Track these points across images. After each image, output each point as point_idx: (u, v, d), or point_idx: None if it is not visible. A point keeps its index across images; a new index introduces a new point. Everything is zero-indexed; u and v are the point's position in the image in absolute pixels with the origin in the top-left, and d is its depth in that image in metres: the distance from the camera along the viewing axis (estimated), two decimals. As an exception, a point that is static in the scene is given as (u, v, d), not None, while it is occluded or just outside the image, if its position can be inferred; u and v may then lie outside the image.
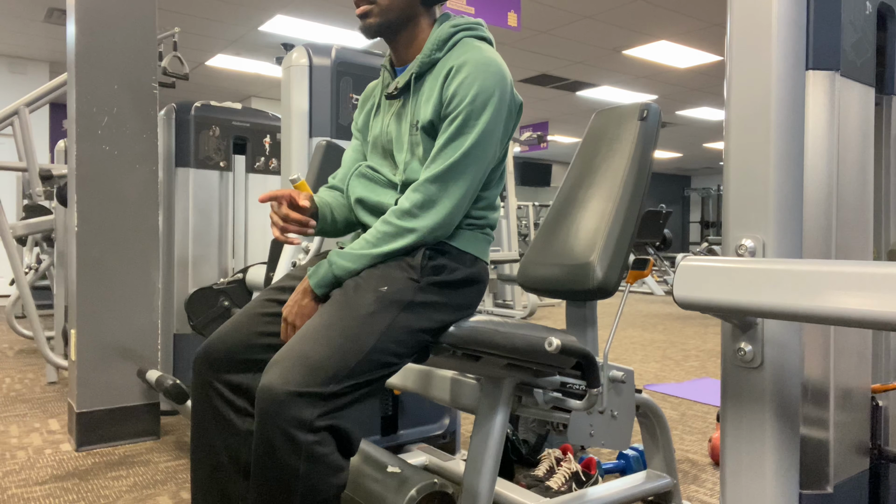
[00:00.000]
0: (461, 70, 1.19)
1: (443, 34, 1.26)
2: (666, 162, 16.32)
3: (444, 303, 1.20)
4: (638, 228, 1.42)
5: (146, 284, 2.50)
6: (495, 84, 1.19)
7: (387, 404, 2.19)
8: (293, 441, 1.00)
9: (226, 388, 1.23)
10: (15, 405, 2.95)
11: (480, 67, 1.19)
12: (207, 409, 1.24)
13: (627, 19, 6.25)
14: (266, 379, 1.03)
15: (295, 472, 1.01)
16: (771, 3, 0.94)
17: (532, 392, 1.24)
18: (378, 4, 1.25)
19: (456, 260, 1.24)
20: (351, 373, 1.05)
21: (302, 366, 1.03)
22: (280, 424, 1.00)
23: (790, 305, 0.78)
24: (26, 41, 7.17)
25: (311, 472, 1.01)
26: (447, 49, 1.26)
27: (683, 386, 3.46)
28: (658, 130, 1.45)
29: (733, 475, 0.98)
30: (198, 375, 1.25)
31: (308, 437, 1.00)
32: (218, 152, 2.91)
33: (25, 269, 4.36)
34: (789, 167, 0.94)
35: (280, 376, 1.02)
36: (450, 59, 1.23)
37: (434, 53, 1.25)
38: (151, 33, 2.51)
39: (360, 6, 1.26)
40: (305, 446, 1.00)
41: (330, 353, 1.05)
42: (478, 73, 1.18)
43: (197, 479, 1.25)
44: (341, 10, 6.11)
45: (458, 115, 1.18)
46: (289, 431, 1.00)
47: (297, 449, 1.00)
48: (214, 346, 1.24)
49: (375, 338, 1.09)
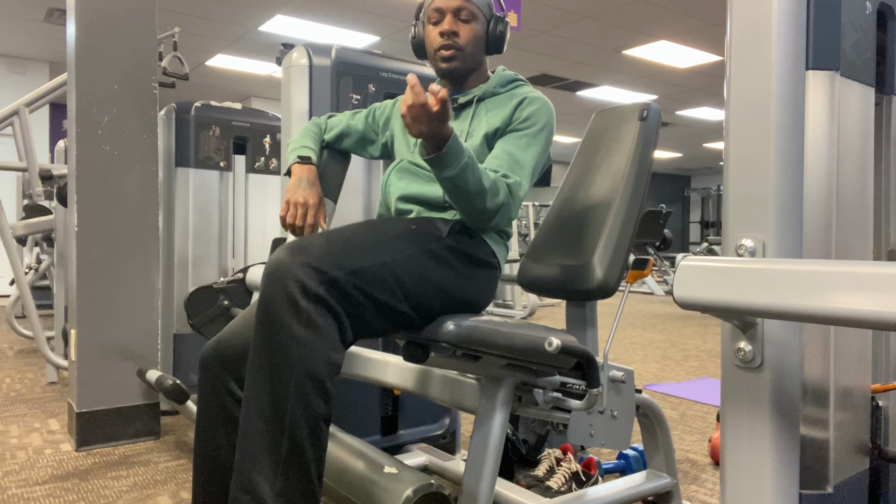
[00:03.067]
0: (534, 102, 1.46)
1: (507, 77, 1.54)
2: (666, 162, 16.31)
3: (455, 266, 1.30)
4: (638, 228, 1.42)
5: (146, 284, 2.50)
6: (552, 123, 1.48)
7: (387, 404, 2.19)
8: (295, 305, 1.04)
9: (236, 385, 1.23)
10: (15, 405, 2.95)
11: (547, 107, 1.47)
12: (214, 406, 1.23)
13: (627, 19, 6.25)
14: (279, 250, 1.09)
15: (293, 336, 1.04)
16: (771, 3, 0.94)
17: (532, 392, 1.24)
18: (464, 51, 1.48)
19: (477, 243, 1.39)
20: (359, 271, 1.12)
21: (318, 246, 1.11)
22: (286, 286, 1.05)
23: (790, 305, 0.78)
24: (26, 41, 7.17)
25: (309, 339, 1.04)
26: (508, 89, 1.52)
27: (683, 386, 3.46)
28: (658, 130, 1.45)
29: (733, 475, 0.98)
30: (207, 371, 1.24)
31: (309, 304, 1.05)
32: (218, 152, 2.91)
33: (25, 269, 4.36)
34: (789, 167, 0.94)
35: (295, 247, 1.09)
36: (516, 94, 1.49)
37: (497, 88, 1.52)
38: (151, 33, 2.51)
39: (448, 50, 1.47)
40: (306, 312, 1.05)
41: (348, 247, 1.15)
42: (545, 111, 1.46)
43: (199, 478, 1.25)
44: (341, 10, 6.11)
45: (529, 129, 1.43)
46: (292, 294, 1.04)
47: (298, 313, 1.04)
48: (227, 340, 1.25)
49: (390, 256, 1.19)
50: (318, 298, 1.06)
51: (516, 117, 1.45)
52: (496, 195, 1.31)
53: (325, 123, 1.67)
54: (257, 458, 1.01)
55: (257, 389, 1.05)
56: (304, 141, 1.59)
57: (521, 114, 1.45)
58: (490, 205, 1.31)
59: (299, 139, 1.60)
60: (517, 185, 1.36)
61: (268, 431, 1.02)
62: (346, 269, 1.11)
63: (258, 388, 1.05)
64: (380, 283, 1.15)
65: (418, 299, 1.22)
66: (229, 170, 2.95)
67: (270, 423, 1.02)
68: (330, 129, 1.66)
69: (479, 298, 1.37)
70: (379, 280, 1.15)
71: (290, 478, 1.01)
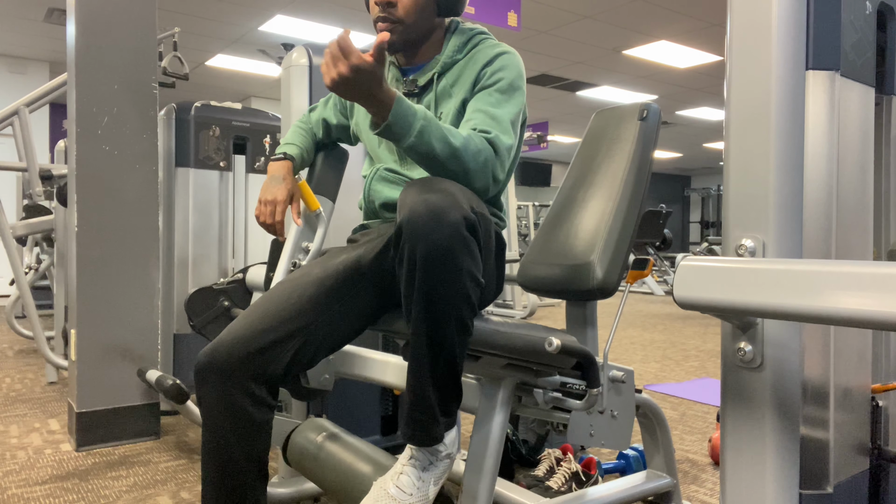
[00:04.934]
0: (498, 59, 1.35)
1: (463, 39, 1.41)
2: (666, 162, 16.31)
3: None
4: (638, 228, 1.42)
5: (146, 284, 2.50)
6: (522, 74, 1.38)
7: (387, 404, 2.19)
8: (462, 238, 1.06)
9: (247, 378, 1.20)
10: (15, 405, 2.95)
11: (513, 60, 1.37)
12: (222, 401, 1.19)
13: (627, 19, 6.25)
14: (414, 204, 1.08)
15: (460, 267, 1.07)
16: (771, 3, 0.94)
17: (532, 392, 1.24)
18: (403, 23, 1.35)
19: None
20: (479, 215, 1.12)
21: (455, 190, 1.12)
22: (453, 219, 1.05)
23: (790, 305, 0.78)
24: (26, 41, 7.17)
25: (469, 267, 1.08)
26: (467, 51, 1.40)
27: (683, 386, 3.46)
28: (658, 130, 1.44)
29: (733, 475, 0.98)
30: (215, 365, 1.20)
31: (470, 235, 1.08)
32: (218, 152, 2.91)
33: (25, 269, 4.36)
34: (789, 167, 0.94)
35: (446, 192, 1.09)
36: (477, 56, 1.38)
37: (455, 56, 1.39)
38: (151, 33, 2.51)
39: (384, 23, 1.34)
40: (468, 242, 1.07)
41: (468, 191, 1.17)
42: (511, 64, 1.36)
43: (208, 476, 1.23)
44: (341, 10, 6.11)
45: (498, 84, 1.33)
46: (459, 228, 1.06)
47: (464, 243, 1.07)
48: (239, 333, 1.22)
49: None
50: (471, 225, 1.09)
51: (482, 77, 1.35)
52: (477, 154, 1.22)
53: (310, 119, 1.65)
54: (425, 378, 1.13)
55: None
56: (289, 138, 1.58)
57: (487, 71, 1.35)
58: (472, 164, 1.21)
59: (286, 139, 1.59)
60: (497, 138, 1.26)
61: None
62: (472, 208, 1.14)
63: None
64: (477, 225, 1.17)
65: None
66: (229, 170, 2.95)
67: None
68: (317, 126, 1.63)
69: (492, 287, 1.36)
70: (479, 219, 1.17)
71: (447, 385, 1.15)
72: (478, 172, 1.23)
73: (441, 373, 1.12)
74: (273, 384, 1.24)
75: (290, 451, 1.51)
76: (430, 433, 1.15)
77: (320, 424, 1.52)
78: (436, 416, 1.14)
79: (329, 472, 1.37)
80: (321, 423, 1.53)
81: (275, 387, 1.25)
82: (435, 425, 1.15)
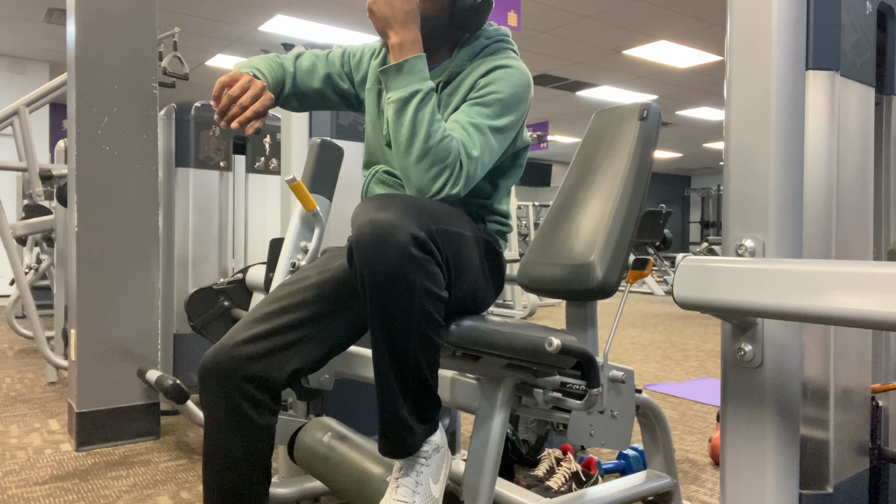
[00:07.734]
0: (498, 70, 1.29)
1: (476, 48, 1.35)
2: (666, 162, 16.31)
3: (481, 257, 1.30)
4: (638, 228, 1.42)
5: (146, 284, 2.50)
6: (521, 95, 1.30)
7: (387, 404, 2.18)
8: (411, 258, 1.05)
9: (249, 383, 1.20)
10: (15, 405, 2.95)
11: (513, 77, 1.29)
12: (224, 405, 1.19)
13: (627, 19, 6.25)
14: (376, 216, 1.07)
15: (412, 287, 1.06)
16: (771, 3, 0.94)
17: (532, 392, 1.24)
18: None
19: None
20: (437, 232, 1.11)
21: (408, 207, 1.09)
22: (399, 239, 1.04)
23: (790, 305, 0.78)
24: (26, 41, 7.17)
25: (423, 284, 1.07)
26: (475, 59, 1.35)
27: (683, 386, 3.46)
28: (658, 130, 1.44)
29: (733, 475, 0.98)
30: (217, 370, 1.20)
31: (420, 254, 1.06)
32: (218, 152, 2.91)
33: (25, 269, 4.36)
34: (789, 167, 0.94)
35: (395, 210, 1.07)
36: (481, 65, 1.32)
37: (464, 64, 1.34)
38: (151, 33, 2.51)
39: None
40: (420, 260, 1.06)
41: (429, 206, 1.14)
42: (510, 80, 1.29)
43: (209, 478, 1.23)
44: (341, 10, 6.11)
45: (487, 97, 1.26)
46: (407, 248, 1.04)
47: (414, 262, 1.05)
48: (241, 338, 1.22)
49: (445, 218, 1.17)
50: (427, 249, 1.08)
51: (475, 88, 1.29)
52: (445, 154, 1.17)
53: (291, 63, 1.47)
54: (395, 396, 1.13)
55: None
56: (255, 63, 1.38)
57: (480, 83, 1.29)
58: (429, 159, 1.17)
59: (251, 61, 1.38)
60: (463, 151, 1.20)
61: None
62: (431, 227, 1.13)
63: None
64: (446, 242, 1.16)
65: (446, 250, 1.17)
66: (229, 170, 2.95)
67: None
68: (298, 69, 1.46)
69: (492, 272, 1.36)
70: (445, 238, 1.16)
71: (419, 397, 1.14)
72: (430, 171, 1.19)
73: (410, 386, 1.12)
74: (275, 389, 1.24)
75: (298, 451, 1.51)
76: (406, 446, 1.14)
77: (326, 424, 1.52)
78: (411, 428, 1.14)
79: (341, 473, 1.37)
80: (327, 423, 1.53)
81: (277, 392, 1.25)
82: (410, 436, 1.14)
